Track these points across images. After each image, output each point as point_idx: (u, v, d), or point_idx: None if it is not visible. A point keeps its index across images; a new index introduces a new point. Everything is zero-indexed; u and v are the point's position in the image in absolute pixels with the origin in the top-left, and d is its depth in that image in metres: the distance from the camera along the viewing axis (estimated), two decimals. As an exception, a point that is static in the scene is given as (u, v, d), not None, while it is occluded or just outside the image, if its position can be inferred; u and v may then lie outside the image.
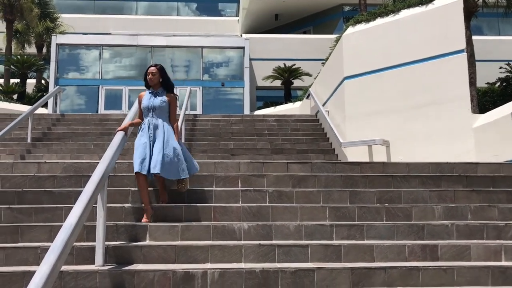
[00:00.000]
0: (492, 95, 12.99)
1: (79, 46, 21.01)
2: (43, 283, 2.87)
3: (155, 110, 5.22)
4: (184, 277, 4.02)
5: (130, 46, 21.06)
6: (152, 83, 5.28)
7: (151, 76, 5.25)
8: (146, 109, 5.26)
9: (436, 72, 9.34)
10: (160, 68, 5.32)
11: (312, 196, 5.60)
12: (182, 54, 21.31)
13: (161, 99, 5.25)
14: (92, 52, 21.12)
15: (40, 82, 22.88)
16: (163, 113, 5.26)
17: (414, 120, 9.43)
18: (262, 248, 4.45)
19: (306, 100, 14.95)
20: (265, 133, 11.60)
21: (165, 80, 5.33)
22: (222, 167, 6.39)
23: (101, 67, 20.95)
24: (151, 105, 5.23)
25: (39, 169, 6.29)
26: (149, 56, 21.10)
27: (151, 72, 5.26)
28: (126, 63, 21.12)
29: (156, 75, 5.26)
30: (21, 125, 10.45)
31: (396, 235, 4.89)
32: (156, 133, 5.16)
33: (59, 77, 20.59)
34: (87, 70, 21.00)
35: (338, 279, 4.08)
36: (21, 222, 4.94)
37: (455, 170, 6.40)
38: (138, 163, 5.03)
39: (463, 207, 5.37)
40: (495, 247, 4.58)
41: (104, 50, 21.13)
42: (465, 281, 4.14)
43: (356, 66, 10.52)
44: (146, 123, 5.23)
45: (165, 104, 5.25)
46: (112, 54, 21.19)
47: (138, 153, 5.08)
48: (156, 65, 5.34)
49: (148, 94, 5.33)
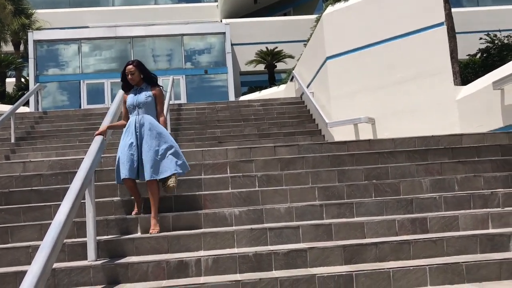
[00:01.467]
0: (474, 67, 13.09)
1: (57, 41, 20.65)
2: (35, 282, 2.86)
3: (141, 106, 4.86)
4: (178, 266, 4.03)
5: (109, 38, 20.75)
6: (134, 82, 4.93)
7: (130, 76, 4.90)
8: (131, 107, 4.91)
9: (417, 47, 9.37)
10: (137, 64, 4.95)
11: (300, 177, 5.63)
12: (162, 43, 21.07)
13: (145, 94, 4.90)
14: (71, 47, 20.79)
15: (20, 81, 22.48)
16: (150, 109, 4.90)
17: (398, 96, 9.48)
18: (254, 232, 4.48)
19: (291, 83, 14.93)
20: (251, 119, 11.58)
21: (146, 74, 4.98)
22: (209, 155, 6.39)
23: (81, 62, 20.65)
24: (135, 101, 4.88)
25: (24, 169, 6.23)
26: (129, 47, 20.84)
27: (129, 72, 4.89)
28: (106, 55, 20.84)
29: (135, 73, 4.90)
30: (4, 125, 10.28)
31: (385, 211, 4.95)
32: (142, 131, 4.78)
33: (39, 74, 20.27)
34: (67, 66, 20.68)
35: (331, 257, 4.13)
36: (10, 222, 4.90)
37: (440, 143, 6.48)
38: (126, 169, 4.69)
39: (450, 179, 5.44)
40: (482, 215, 4.66)
41: (83, 44, 20.81)
42: (455, 250, 4.21)
43: (338, 45, 10.50)
44: (132, 121, 4.86)
45: (150, 99, 4.90)
46: (91, 48, 20.88)
47: (125, 156, 4.72)
48: (132, 62, 4.95)
49: (132, 92, 5.00)
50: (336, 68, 10.51)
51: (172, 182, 4.71)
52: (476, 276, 3.88)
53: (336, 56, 10.56)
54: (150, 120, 4.83)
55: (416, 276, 3.85)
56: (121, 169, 4.72)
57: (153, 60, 20.77)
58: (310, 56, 12.58)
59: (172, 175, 4.73)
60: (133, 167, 4.71)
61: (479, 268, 3.90)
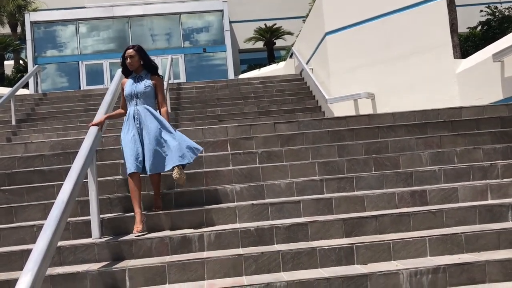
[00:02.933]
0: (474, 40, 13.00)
1: (54, 22, 20.50)
2: (41, 258, 2.92)
3: (139, 96, 4.57)
4: (181, 241, 4.10)
5: (107, 18, 20.60)
6: (133, 67, 4.63)
7: (129, 60, 4.60)
8: (129, 96, 4.62)
9: (417, 20, 9.29)
10: (138, 48, 4.66)
11: (300, 153, 5.66)
12: (160, 22, 20.91)
13: (144, 83, 4.60)
14: (68, 28, 20.65)
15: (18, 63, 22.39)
16: (149, 99, 4.62)
17: (398, 71, 9.44)
18: (255, 207, 4.53)
19: (290, 60, 14.85)
20: (251, 96, 11.55)
21: (146, 61, 4.68)
22: (210, 133, 6.41)
23: (79, 42, 20.53)
24: (134, 91, 4.58)
25: (26, 149, 6.27)
26: (127, 27, 20.70)
27: (129, 55, 4.60)
28: (104, 36, 20.71)
29: (135, 57, 4.60)
30: (4, 108, 10.30)
31: (385, 184, 4.98)
32: (142, 122, 4.51)
33: (37, 56, 20.19)
34: (65, 47, 20.58)
35: (331, 230, 4.18)
36: (14, 203, 4.95)
37: (440, 116, 6.48)
38: (132, 162, 4.42)
39: (449, 151, 5.47)
40: (481, 187, 4.69)
41: (80, 24, 20.66)
42: (454, 222, 4.26)
43: (337, 21, 10.42)
44: (131, 112, 4.58)
45: (150, 89, 4.61)
46: (89, 28, 20.74)
47: (129, 149, 4.45)
48: (133, 46, 4.68)
49: (130, 80, 4.70)
50: (336, 44, 10.45)
51: (176, 174, 4.37)
52: (475, 246, 3.94)
53: (335, 32, 10.48)
54: (150, 111, 4.56)
55: (416, 247, 3.91)
56: (127, 163, 4.46)
57: (151, 39, 20.65)
58: (309, 32, 12.49)
59: (175, 166, 4.42)
60: (139, 161, 4.46)
61: (478, 238, 3.95)
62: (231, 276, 3.78)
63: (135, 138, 4.49)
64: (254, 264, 3.81)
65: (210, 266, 3.79)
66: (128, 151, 4.45)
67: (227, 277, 3.77)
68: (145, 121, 4.51)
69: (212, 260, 3.81)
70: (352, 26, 10.21)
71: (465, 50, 11.75)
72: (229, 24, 20.90)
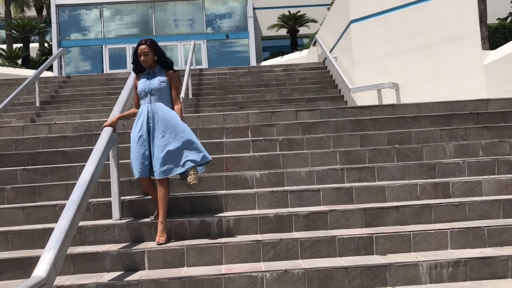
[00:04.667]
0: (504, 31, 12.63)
1: (78, 6, 20.67)
2: (63, 236, 2.96)
3: (153, 93, 4.22)
4: (200, 225, 4.11)
5: (130, 2, 20.67)
6: (147, 64, 4.27)
7: (143, 58, 4.23)
8: (143, 93, 4.27)
9: (445, 10, 9.06)
10: (151, 43, 4.27)
11: (322, 142, 5.61)
12: (183, 8, 20.89)
13: (159, 79, 4.25)
14: (93, 12, 20.79)
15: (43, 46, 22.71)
16: (163, 96, 4.26)
17: (423, 61, 9.25)
18: (274, 194, 4.51)
19: (313, 48, 14.70)
20: (272, 84, 11.50)
21: (161, 56, 4.31)
22: (231, 118, 6.40)
23: (103, 26, 20.68)
24: (148, 88, 4.23)
25: (49, 130, 6.35)
26: (150, 12, 20.74)
27: (142, 53, 4.22)
28: (128, 20, 20.81)
29: (149, 54, 4.23)
30: (28, 90, 10.46)
31: (407, 175, 4.92)
32: (155, 122, 4.16)
33: (62, 39, 20.41)
34: (89, 30, 20.75)
35: (351, 220, 4.15)
36: (37, 182, 5.04)
37: (465, 108, 6.36)
38: (137, 167, 4.14)
39: (474, 144, 5.36)
40: (506, 181, 4.59)
41: (105, 8, 20.78)
42: (477, 215, 4.19)
43: (363, 9, 10.24)
44: (144, 110, 4.23)
45: (164, 85, 4.25)
46: (113, 12, 20.85)
47: (135, 153, 4.16)
48: (145, 41, 4.27)
49: (143, 76, 4.35)
50: (360, 32, 10.28)
51: (192, 180, 4.02)
52: (498, 241, 3.86)
53: (360, 20, 10.31)
54: (163, 109, 4.20)
55: (437, 239, 3.86)
56: (133, 167, 4.19)
57: (174, 25, 20.67)
58: (333, 20, 12.31)
59: (190, 170, 4.07)
60: (145, 165, 4.15)
61: (501, 233, 3.88)
62: (249, 261, 3.78)
63: (143, 139, 4.16)
64: (272, 250, 3.81)
65: (228, 251, 3.80)
66: (134, 155, 4.16)
67: (245, 263, 3.78)
68: (158, 120, 4.15)
69: (231, 245, 3.81)
70: (378, 15, 10.02)
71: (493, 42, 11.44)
72: (253, 11, 20.76)
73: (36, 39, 23.21)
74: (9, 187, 4.83)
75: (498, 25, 13.01)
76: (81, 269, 3.74)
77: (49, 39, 22.91)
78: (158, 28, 20.73)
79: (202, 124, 6.26)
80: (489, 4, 10.54)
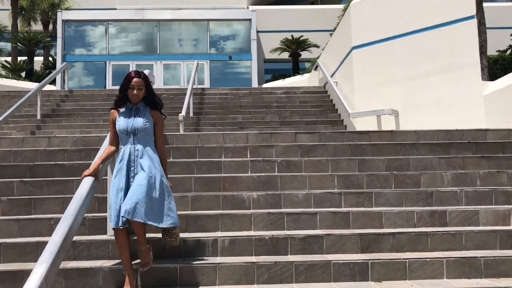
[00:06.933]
0: (503, 63, 12.74)
1: (85, 22, 20.91)
2: (56, 251, 2.94)
3: (137, 133, 3.74)
4: (195, 245, 4.09)
5: (136, 20, 20.92)
6: (137, 99, 3.78)
7: (136, 92, 3.73)
8: (124, 133, 3.77)
9: (446, 40, 9.18)
10: (145, 77, 3.81)
11: (320, 165, 5.62)
12: (188, 28, 21.13)
13: (143, 119, 3.76)
14: (98, 28, 21.02)
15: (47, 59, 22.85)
16: (148, 136, 3.80)
17: (424, 89, 9.33)
18: (271, 216, 4.50)
19: (314, 72, 14.82)
20: (273, 106, 11.56)
21: (150, 92, 3.83)
22: (230, 138, 6.42)
23: (108, 43, 20.87)
24: (131, 127, 3.74)
25: (49, 143, 6.36)
26: (155, 31, 20.96)
27: (137, 86, 3.73)
28: (133, 38, 21.02)
29: (143, 89, 3.77)
30: (30, 102, 10.51)
31: (405, 202, 4.90)
32: (138, 166, 3.70)
33: (66, 53, 20.57)
34: (93, 46, 20.94)
35: (347, 244, 4.12)
36: (34, 194, 5.02)
37: (464, 137, 6.38)
38: (114, 216, 3.64)
39: (472, 173, 5.36)
40: (504, 211, 4.58)
41: (110, 25, 21.01)
42: (474, 245, 4.17)
43: (364, 35, 10.37)
44: (126, 152, 3.74)
45: (149, 125, 3.77)
46: (118, 30, 21.08)
47: (113, 203, 3.68)
48: (138, 73, 3.80)
49: (124, 112, 3.84)
50: (362, 58, 10.39)
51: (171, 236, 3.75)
52: (495, 272, 3.83)
53: (362, 46, 10.43)
54: (150, 155, 3.75)
55: (433, 268, 3.83)
56: (112, 215, 3.69)
57: (178, 44, 20.87)
58: (335, 45, 12.45)
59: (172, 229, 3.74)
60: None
61: (498, 264, 3.85)
62: (242, 283, 3.75)
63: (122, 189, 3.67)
64: (266, 273, 3.78)
65: (222, 272, 3.77)
66: (113, 204, 3.69)
67: (239, 284, 3.74)
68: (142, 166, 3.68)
69: (225, 266, 3.78)
70: (380, 42, 10.15)
71: (493, 73, 11.54)
72: (256, 34, 21.00)
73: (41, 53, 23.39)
74: (5, 199, 4.81)
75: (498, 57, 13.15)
76: (73, 284, 3.70)
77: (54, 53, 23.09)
78: (162, 46, 20.92)
79: (201, 143, 6.28)
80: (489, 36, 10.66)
